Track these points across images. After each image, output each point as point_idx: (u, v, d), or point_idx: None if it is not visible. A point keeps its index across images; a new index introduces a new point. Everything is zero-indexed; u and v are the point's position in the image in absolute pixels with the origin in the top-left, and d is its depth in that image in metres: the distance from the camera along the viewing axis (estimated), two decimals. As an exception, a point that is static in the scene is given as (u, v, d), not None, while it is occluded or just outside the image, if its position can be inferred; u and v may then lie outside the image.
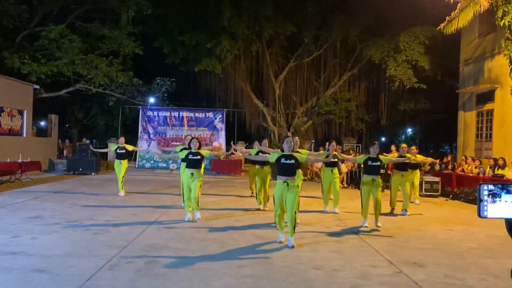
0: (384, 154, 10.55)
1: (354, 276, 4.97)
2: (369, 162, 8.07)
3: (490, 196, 0.95)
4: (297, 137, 7.15)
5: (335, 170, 9.84)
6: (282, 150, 6.51)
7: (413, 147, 10.94)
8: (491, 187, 0.94)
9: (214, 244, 6.31)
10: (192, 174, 7.89)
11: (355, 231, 7.62)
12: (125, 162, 11.43)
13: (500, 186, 0.92)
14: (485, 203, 0.94)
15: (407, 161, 9.53)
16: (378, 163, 8.07)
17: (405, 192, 9.84)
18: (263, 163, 9.41)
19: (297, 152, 7.59)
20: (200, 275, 4.83)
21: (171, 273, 4.86)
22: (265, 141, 10.24)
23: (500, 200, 0.93)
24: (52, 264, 5.04)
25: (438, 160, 13.50)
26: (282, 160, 6.32)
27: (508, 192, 0.91)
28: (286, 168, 6.30)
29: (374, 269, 5.29)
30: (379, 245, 6.54)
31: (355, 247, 6.48)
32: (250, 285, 4.58)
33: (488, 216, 0.94)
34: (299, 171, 8.35)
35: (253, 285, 4.58)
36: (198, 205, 8.06)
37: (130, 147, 11.69)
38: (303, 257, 5.74)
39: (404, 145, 10.21)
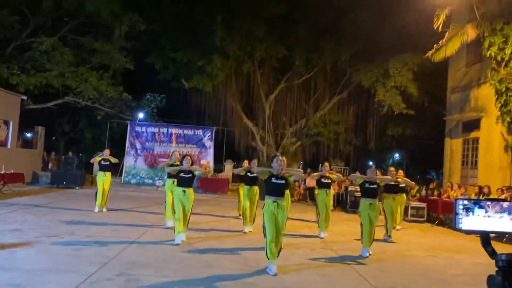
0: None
1: (338, 301, 4.90)
2: (366, 185, 7.97)
3: (465, 210, 1.01)
4: (284, 157, 7.08)
5: (329, 191, 9.75)
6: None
7: (400, 171, 11.00)
8: (465, 202, 1.01)
9: (196, 264, 6.20)
10: (184, 191, 7.68)
11: (340, 255, 7.56)
12: (108, 175, 11.29)
13: (473, 201, 1.00)
14: (460, 216, 1.01)
15: (399, 183, 9.56)
16: (375, 186, 7.99)
17: (394, 216, 9.87)
18: (252, 183, 9.33)
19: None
20: (181, 295, 4.72)
21: (151, 293, 4.74)
22: (254, 161, 10.19)
23: (473, 214, 0.99)
24: (29, 279, 4.89)
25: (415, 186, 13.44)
26: (273, 180, 6.16)
27: (480, 207, 0.99)
28: (276, 188, 6.15)
29: (358, 294, 5.23)
30: (363, 270, 6.48)
31: (339, 271, 6.42)
32: (232, 307, 4.49)
33: (463, 228, 1.00)
34: (287, 192, 8.29)
35: (235, 307, 4.49)
36: (187, 225, 7.88)
37: (113, 159, 11.55)
38: (287, 280, 5.66)
39: (392, 168, 10.28)
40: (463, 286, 5.95)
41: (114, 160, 11.58)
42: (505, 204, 0.99)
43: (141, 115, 22.36)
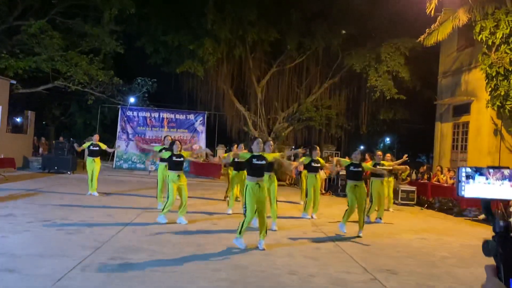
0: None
1: (329, 282, 4.99)
2: (351, 168, 8.23)
3: (467, 177, 1.05)
4: (271, 142, 7.23)
5: (319, 175, 9.92)
6: (251, 151, 6.54)
7: (388, 155, 11.16)
8: (468, 169, 1.05)
9: (189, 247, 6.26)
10: (178, 176, 7.96)
11: (331, 237, 7.67)
12: (98, 160, 11.28)
13: (474, 168, 1.04)
14: (463, 183, 1.05)
15: (385, 171, 9.64)
16: (360, 169, 8.20)
17: (384, 199, 10.02)
18: (239, 168, 9.39)
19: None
20: (174, 279, 4.78)
21: (144, 276, 4.79)
22: (241, 145, 10.26)
23: (474, 182, 1.04)
24: (22, 264, 4.91)
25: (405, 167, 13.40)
26: (254, 161, 6.34)
27: (481, 174, 1.04)
28: (257, 169, 6.36)
29: (348, 275, 5.32)
30: (354, 252, 6.59)
31: (330, 253, 6.52)
32: (225, 289, 4.55)
33: (465, 196, 1.04)
34: (272, 174, 8.37)
35: (227, 289, 4.56)
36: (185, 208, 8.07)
37: (103, 146, 11.52)
38: (278, 262, 5.74)
39: (379, 152, 10.41)
40: (452, 268, 6.07)
41: (104, 146, 11.55)
42: (506, 172, 1.03)
43: (132, 100, 22.18)
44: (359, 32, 20.31)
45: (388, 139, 35.73)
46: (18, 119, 23.13)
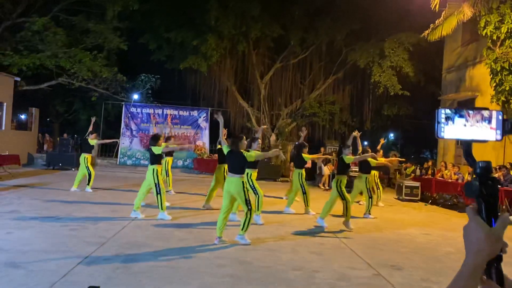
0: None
1: (333, 278, 4.99)
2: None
3: (446, 119, 1.05)
4: (260, 139, 7.31)
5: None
6: (249, 147, 6.72)
7: (380, 152, 11.34)
8: (447, 111, 1.05)
9: (194, 242, 6.27)
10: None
11: (335, 232, 7.67)
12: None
13: (454, 111, 1.04)
14: (442, 125, 1.05)
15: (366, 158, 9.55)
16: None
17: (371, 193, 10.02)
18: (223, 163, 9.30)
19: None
20: (179, 274, 4.79)
21: (149, 271, 4.81)
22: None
23: (453, 123, 1.04)
24: (27, 259, 4.94)
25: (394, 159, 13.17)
26: (232, 158, 6.46)
27: (460, 116, 1.03)
28: (232, 164, 6.47)
29: (352, 271, 5.33)
30: (358, 248, 6.59)
31: (334, 248, 6.52)
32: (229, 284, 4.57)
33: (445, 137, 1.04)
34: (253, 172, 8.29)
35: (232, 284, 4.57)
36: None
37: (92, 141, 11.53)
38: (283, 258, 5.75)
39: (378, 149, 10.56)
40: (456, 263, 6.06)
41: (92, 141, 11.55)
42: (486, 113, 1.03)
43: (135, 96, 22.20)
44: (363, 27, 20.21)
45: (392, 135, 35.64)
46: (23, 116, 23.23)
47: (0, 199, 9.10)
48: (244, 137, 6.93)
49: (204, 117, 20.78)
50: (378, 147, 11.63)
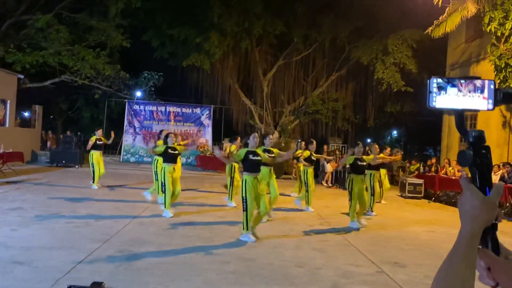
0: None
1: (336, 274, 4.99)
2: (358, 162, 8.20)
3: (438, 89, 1.04)
4: (271, 135, 7.35)
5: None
6: (246, 146, 6.61)
7: (387, 149, 11.35)
8: (439, 80, 1.04)
9: (197, 239, 6.28)
10: (174, 168, 8.10)
11: (338, 229, 7.66)
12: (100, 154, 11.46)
13: (446, 80, 1.03)
14: (434, 94, 1.04)
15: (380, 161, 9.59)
16: (365, 163, 8.27)
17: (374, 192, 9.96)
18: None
19: (269, 150, 7.58)
20: (182, 270, 4.80)
21: (152, 268, 4.82)
22: (237, 141, 10.19)
23: (445, 93, 1.03)
24: (31, 256, 4.96)
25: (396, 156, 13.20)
26: (250, 157, 6.48)
27: (453, 85, 1.02)
28: (254, 164, 6.50)
29: (356, 268, 5.32)
30: (361, 245, 6.58)
31: (338, 245, 6.51)
32: (233, 281, 4.57)
33: (436, 106, 1.04)
34: (271, 170, 8.28)
35: (235, 281, 4.57)
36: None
37: (104, 140, 11.73)
38: (286, 254, 5.75)
39: (376, 145, 10.52)
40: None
41: (105, 140, 11.77)
42: (478, 83, 1.02)
43: (138, 94, 22.22)
44: (366, 24, 20.14)
45: (395, 132, 35.56)
46: (26, 114, 23.29)
47: (4, 196, 9.14)
48: (239, 137, 7.11)
49: (207, 115, 20.78)
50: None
